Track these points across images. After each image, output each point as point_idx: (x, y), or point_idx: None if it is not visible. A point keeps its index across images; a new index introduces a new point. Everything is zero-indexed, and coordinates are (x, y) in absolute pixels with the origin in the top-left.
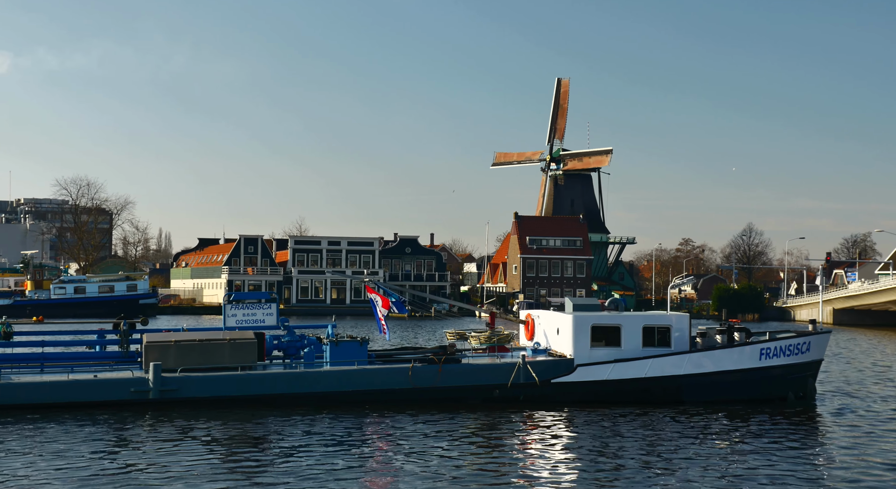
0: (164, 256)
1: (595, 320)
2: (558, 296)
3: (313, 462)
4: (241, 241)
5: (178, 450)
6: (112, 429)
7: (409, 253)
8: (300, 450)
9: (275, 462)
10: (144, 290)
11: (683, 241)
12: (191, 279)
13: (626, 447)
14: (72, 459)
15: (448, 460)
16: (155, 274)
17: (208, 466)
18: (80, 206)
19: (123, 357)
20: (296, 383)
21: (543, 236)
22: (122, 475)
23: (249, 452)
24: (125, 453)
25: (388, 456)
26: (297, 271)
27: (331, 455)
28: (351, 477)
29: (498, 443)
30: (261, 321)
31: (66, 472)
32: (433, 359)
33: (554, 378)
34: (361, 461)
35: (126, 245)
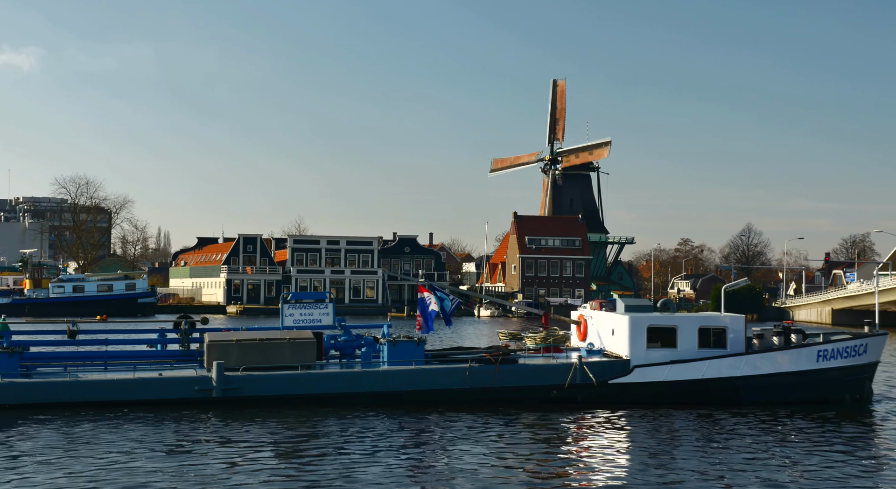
0: (162, 255)
1: (651, 321)
2: (557, 296)
3: (371, 461)
4: (240, 240)
5: (241, 447)
6: (177, 427)
7: (408, 252)
8: (358, 449)
9: (332, 460)
10: (143, 289)
11: (682, 240)
12: (189, 278)
13: (686, 448)
14: (138, 455)
15: (506, 460)
16: (154, 273)
17: (269, 464)
18: (78, 204)
19: (184, 356)
20: (355, 383)
21: (542, 236)
22: (189, 468)
23: (308, 450)
24: (190, 450)
25: (445, 455)
26: (296, 270)
27: (388, 454)
28: (408, 475)
29: (556, 443)
30: (317, 321)
31: (134, 468)
32: (490, 360)
33: (611, 379)
34: (418, 460)
35: (125, 244)
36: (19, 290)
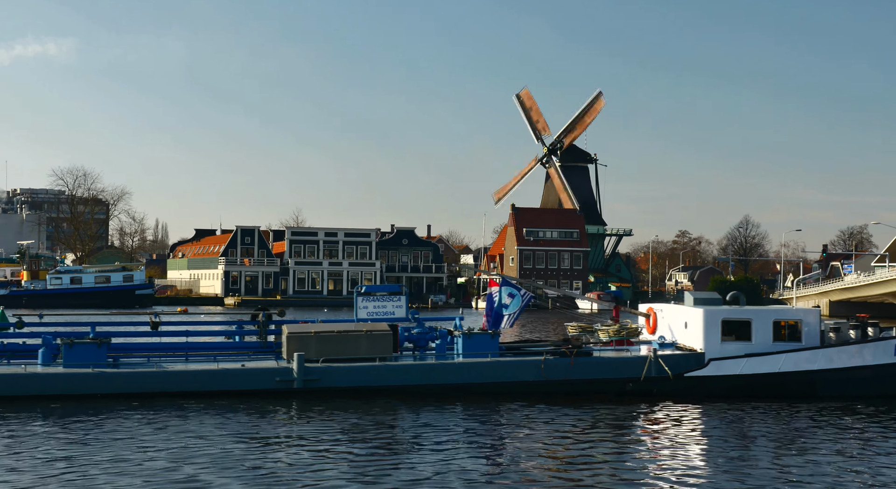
0: (160, 247)
1: (726, 314)
2: (556, 288)
3: (448, 452)
4: (238, 231)
5: (323, 437)
6: (261, 417)
7: (406, 244)
8: (435, 439)
9: (412, 451)
10: (141, 281)
11: (680, 232)
12: (187, 270)
13: (763, 442)
14: (225, 444)
15: (581, 451)
16: (151, 264)
17: (353, 453)
18: (76, 196)
19: (261, 347)
20: (432, 374)
21: (540, 228)
22: (276, 455)
23: (387, 441)
24: (277, 439)
25: (522, 447)
26: (294, 262)
27: (465, 446)
28: (485, 467)
29: (634, 435)
30: (391, 313)
31: (222, 456)
32: (565, 352)
33: (686, 372)
34: (494, 451)
35: (122, 235)
36: (17, 282)
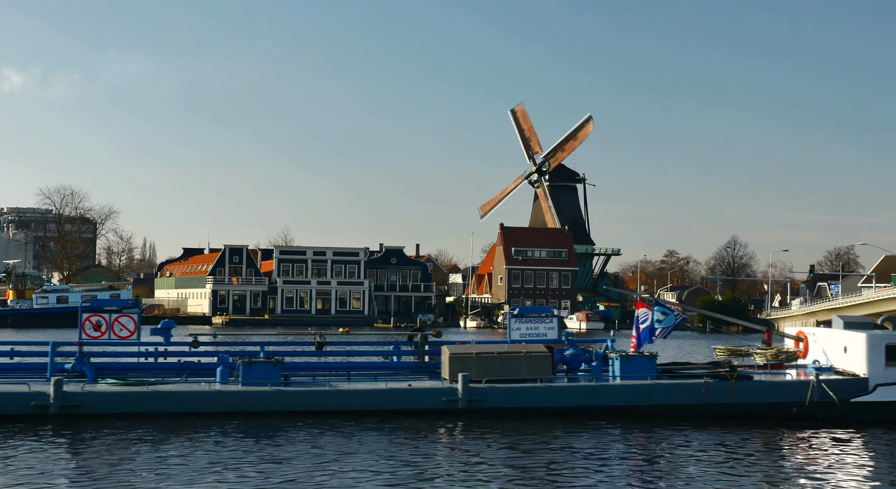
0: (148, 266)
1: (889, 339)
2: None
3: (608, 474)
4: (226, 250)
5: (485, 456)
6: (430, 435)
7: (395, 263)
8: (593, 460)
9: (568, 472)
10: (128, 300)
11: (668, 252)
12: (175, 289)
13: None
14: (391, 462)
15: (752, 477)
16: (139, 283)
17: (510, 471)
18: (63, 215)
19: (419, 368)
20: (592, 396)
21: (529, 247)
22: (443, 470)
23: (545, 461)
24: (445, 457)
25: (683, 471)
26: (283, 281)
27: (628, 467)
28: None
29: (802, 462)
30: (543, 335)
31: (389, 472)
32: (725, 376)
33: (851, 397)
34: (655, 474)
35: (110, 254)
36: (2, 302)
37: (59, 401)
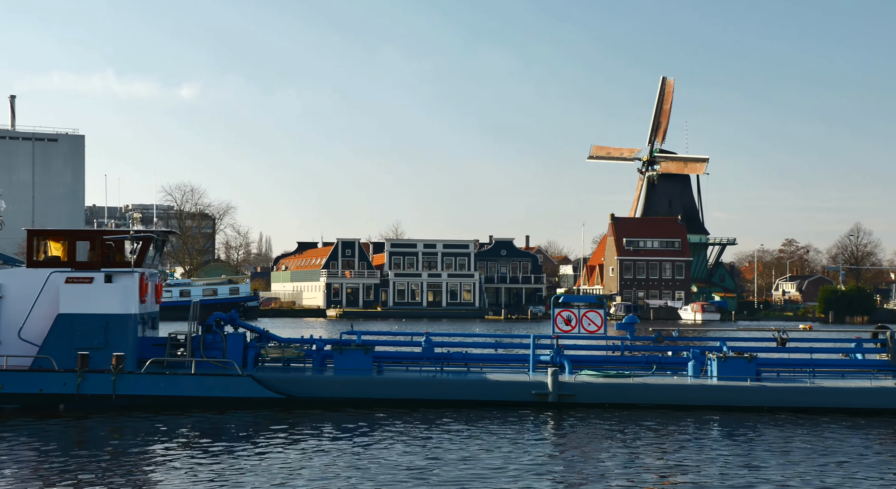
0: (264, 260)
1: None
2: (657, 299)
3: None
4: (339, 244)
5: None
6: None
7: (505, 255)
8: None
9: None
10: (246, 294)
11: (787, 241)
12: (290, 282)
13: None
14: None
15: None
16: (256, 277)
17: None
18: (184, 211)
19: (888, 365)
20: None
21: (641, 237)
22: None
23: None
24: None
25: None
26: (394, 274)
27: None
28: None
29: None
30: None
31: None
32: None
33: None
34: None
35: (228, 249)
36: None
37: (557, 391)
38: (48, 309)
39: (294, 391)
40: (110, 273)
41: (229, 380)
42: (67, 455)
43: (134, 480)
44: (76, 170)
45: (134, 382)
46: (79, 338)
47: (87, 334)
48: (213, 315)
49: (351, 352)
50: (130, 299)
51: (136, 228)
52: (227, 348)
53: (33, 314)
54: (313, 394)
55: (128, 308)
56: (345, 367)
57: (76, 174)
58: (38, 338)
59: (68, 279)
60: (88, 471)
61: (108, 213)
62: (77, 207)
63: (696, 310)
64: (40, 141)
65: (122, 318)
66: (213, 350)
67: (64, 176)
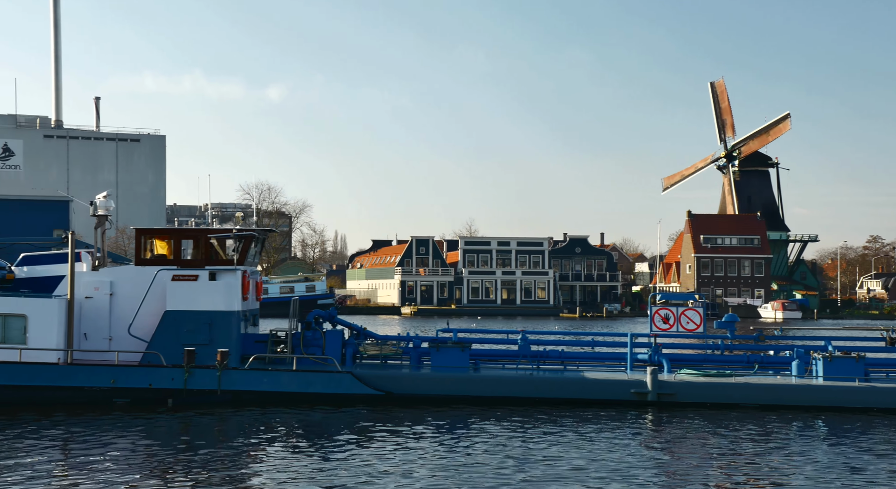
0: (339, 258)
1: None
2: (735, 297)
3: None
4: (413, 242)
5: None
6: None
7: (579, 253)
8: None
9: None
10: (322, 291)
11: (871, 238)
12: (365, 280)
13: None
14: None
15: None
16: (332, 275)
17: None
18: (261, 209)
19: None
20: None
21: (718, 235)
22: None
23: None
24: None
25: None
26: (468, 272)
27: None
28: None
29: None
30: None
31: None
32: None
33: None
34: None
35: (304, 247)
36: None
37: (656, 390)
38: (156, 306)
39: (393, 388)
40: (214, 271)
41: (330, 377)
42: (176, 447)
43: (238, 474)
44: (157, 169)
45: (238, 378)
46: (185, 335)
47: (192, 331)
48: (313, 312)
49: (448, 349)
50: (233, 296)
51: (239, 227)
52: (326, 345)
53: (142, 311)
54: (411, 392)
55: (231, 305)
56: (442, 365)
57: (157, 174)
58: (147, 335)
59: (174, 277)
60: (195, 464)
61: (188, 212)
62: (158, 206)
63: (776, 308)
64: (123, 141)
65: (226, 315)
66: (313, 347)
67: (146, 175)
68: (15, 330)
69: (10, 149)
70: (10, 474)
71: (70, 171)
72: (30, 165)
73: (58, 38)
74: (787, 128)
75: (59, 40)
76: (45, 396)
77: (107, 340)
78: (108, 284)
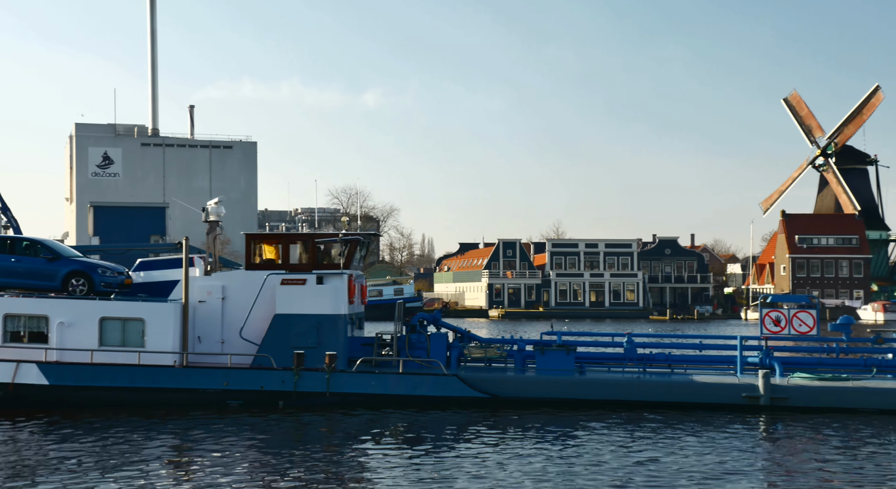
0: (427, 261)
1: None
2: (833, 298)
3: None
4: (500, 244)
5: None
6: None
7: (669, 254)
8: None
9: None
10: (410, 294)
11: None
12: (453, 283)
13: None
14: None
15: None
16: (419, 278)
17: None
18: (350, 213)
19: None
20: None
21: (814, 234)
22: None
23: None
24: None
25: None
26: (556, 274)
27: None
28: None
29: None
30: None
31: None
32: None
33: None
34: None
35: (392, 250)
36: None
37: (769, 394)
38: (266, 309)
39: (498, 391)
40: (321, 274)
41: (436, 380)
42: (287, 448)
43: (348, 475)
44: (249, 175)
45: (346, 381)
46: (294, 338)
47: (301, 334)
48: (417, 315)
49: (553, 352)
50: (340, 300)
51: (345, 231)
52: (431, 348)
53: (253, 314)
54: (517, 394)
55: (338, 308)
56: (547, 368)
57: (249, 180)
58: (258, 338)
59: (283, 281)
60: (306, 464)
61: (279, 217)
62: (250, 211)
63: (877, 309)
64: (216, 148)
65: (334, 319)
66: (418, 350)
67: (238, 182)
68: (134, 333)
69: (110, 157)
70: (130, 472)
71: (166, 178)
72: (128, 173)
73: (154, 48)
74: (881, 99)
75: (155, 50)
76: (162, 398)
77: (219, 343)
78: (220, 289)
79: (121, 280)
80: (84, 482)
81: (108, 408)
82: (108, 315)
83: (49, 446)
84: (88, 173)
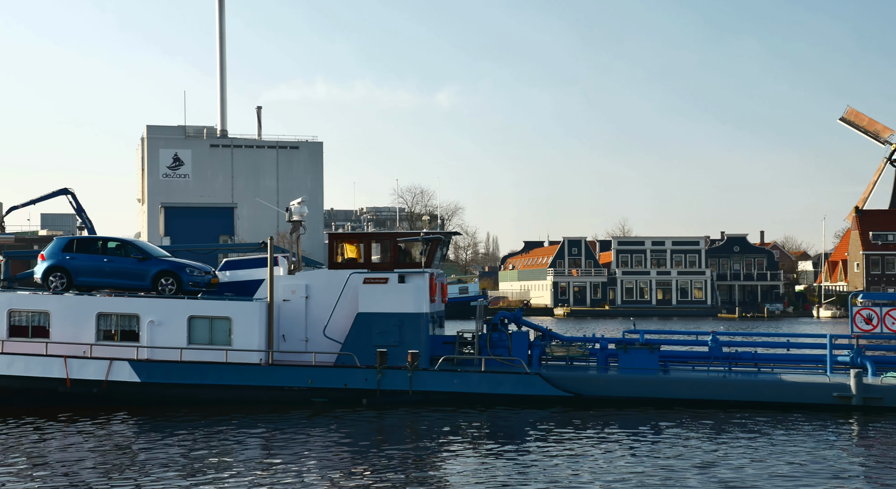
0: (491, 260)
1: None
2: None
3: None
4: (565, 242)
5: None
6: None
7: (738, 251)
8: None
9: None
10: (475, 293)
11: None
12: (518, 281)
13: None
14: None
15: None
16: (484, 276)
17: None
18: (415, 212)
19: None
20: None
21: (890, 231)
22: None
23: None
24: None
25: None
26: (621, 272)
27: None
28: None
29: None
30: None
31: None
32: None
33: None
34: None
35: (457, 249)
36: None
37: (861, 394)
38: (349, 308)
39: (581, 389)
40: (403, 273)
41: (518, 378)
42: (372, 446)
43: (432, 473)
44: (315, 175)
45: (428, 379)
46: (377, 336)
47: (384, 332)
48: (499, 314)
49: (636, 350)
50: (422, 298)
51: (426, 230)
52: (512, 346)
53: (336, 313)
54: (600, 393)
55: (420, 307)
56: (631, 366)
57: (315, 179)
58: (341, 336)
59: (366, 280)
60: (391, 462)
61: (344, 216)
62: (317, 211)
63: None
64: (283, 149)
65: (415, 317)
66: (499, 348)
67: (304, 182)
68: (221, 332)
69: (180, 158)
70: (217, 468)
71: (234, 179)
72: (197, 174)
73: (223, 49)
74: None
75: (224, 52)
76: (249, 395)
77: (303, 342)
78: (303, 288)
79: (208, 279)
80: (172, 480)
81: (197, 406)
82: (197, 314)
83: (140, 444)
84: (159, 174)
